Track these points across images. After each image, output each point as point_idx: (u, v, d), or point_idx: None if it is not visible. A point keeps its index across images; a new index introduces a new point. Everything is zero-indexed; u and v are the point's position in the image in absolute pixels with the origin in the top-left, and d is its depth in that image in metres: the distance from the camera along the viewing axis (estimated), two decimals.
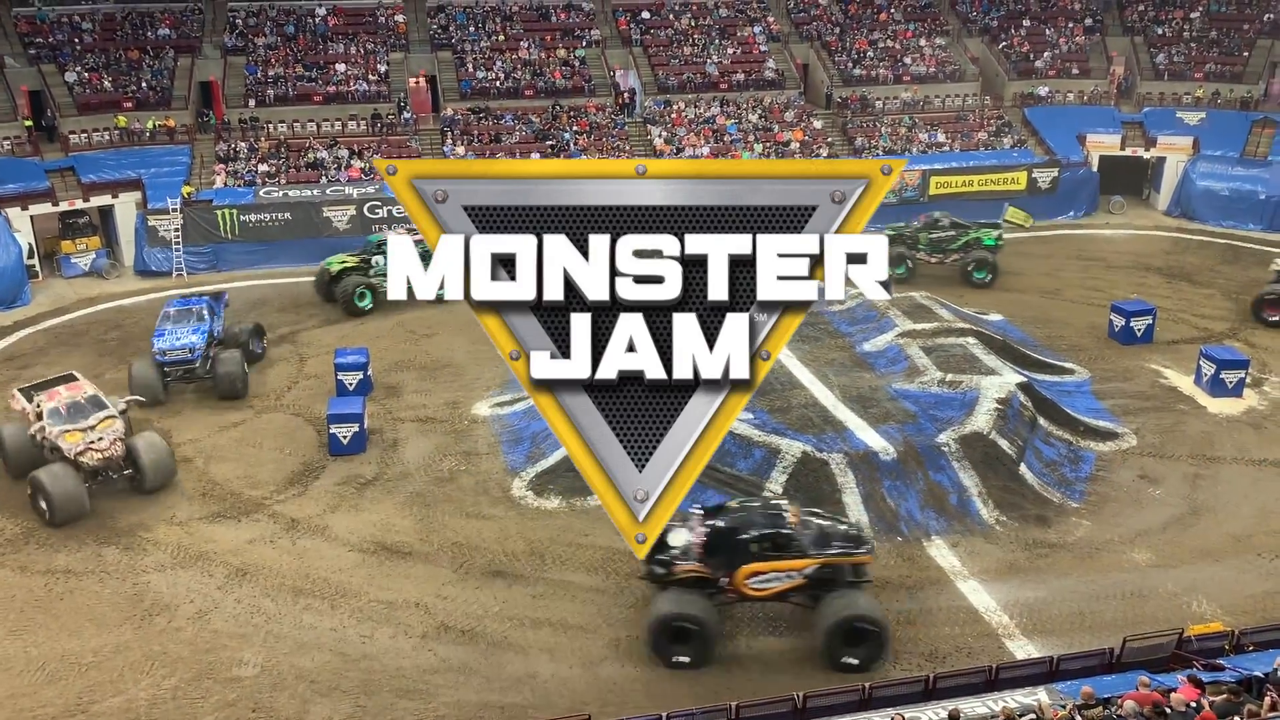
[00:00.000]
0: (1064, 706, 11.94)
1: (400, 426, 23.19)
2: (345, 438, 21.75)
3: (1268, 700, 11.52)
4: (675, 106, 40.45)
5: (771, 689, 14.33)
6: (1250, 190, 38.11)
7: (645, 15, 44.00)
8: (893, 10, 45.84)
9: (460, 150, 37.06)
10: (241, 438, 22.73)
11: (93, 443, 19.42)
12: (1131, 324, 27.39)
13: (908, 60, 43.46)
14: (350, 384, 23.91)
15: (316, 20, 41.24)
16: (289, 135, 37.19)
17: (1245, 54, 43.11)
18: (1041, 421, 22.23)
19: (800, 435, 20.48)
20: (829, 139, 39.81)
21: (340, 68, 39.47)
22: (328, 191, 34.63)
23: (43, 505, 18.93)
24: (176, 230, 32.53)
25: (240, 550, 18.62)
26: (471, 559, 18.34)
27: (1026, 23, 45.93)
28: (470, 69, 40.38)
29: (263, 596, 17.33)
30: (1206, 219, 38.24)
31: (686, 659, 15.56)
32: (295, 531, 19.23)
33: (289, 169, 35.57)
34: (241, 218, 33.45)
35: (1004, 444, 20.80)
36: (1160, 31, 45.12)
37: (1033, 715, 11.81)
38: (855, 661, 15.50)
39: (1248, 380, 24.60)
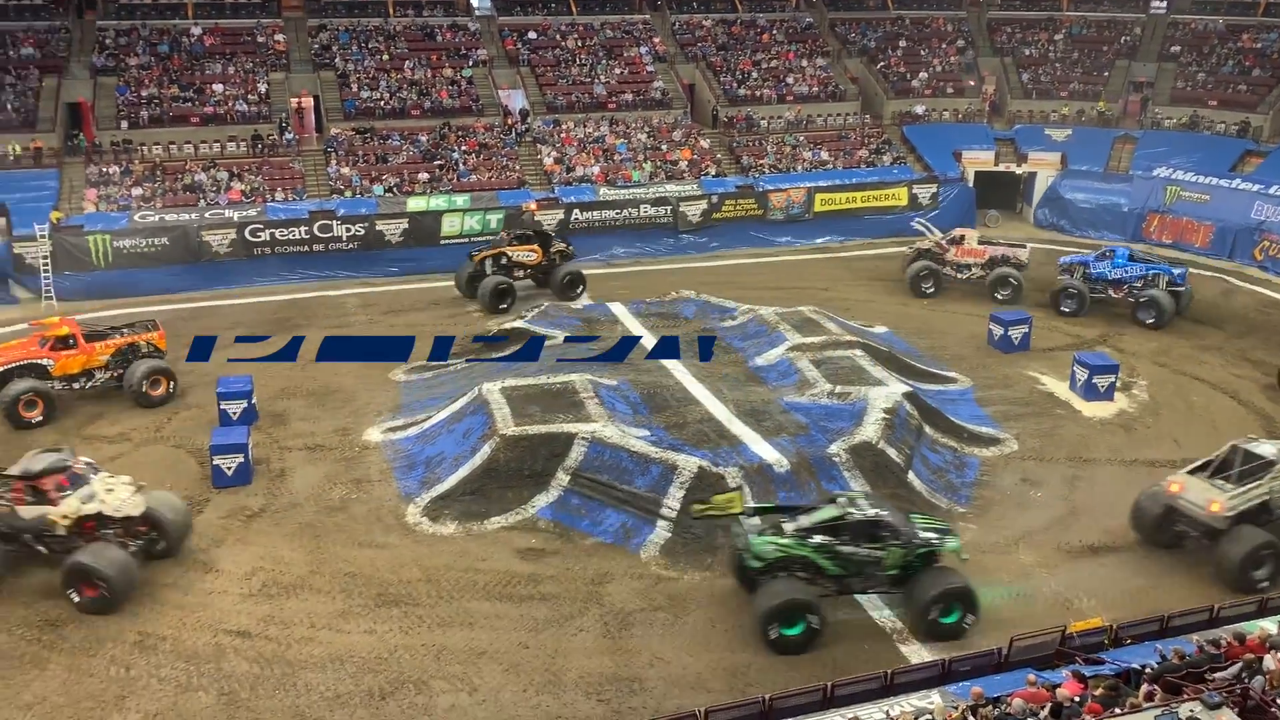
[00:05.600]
0: (956, 708, 12.23)
1: (287, 455, 22.51)
2: (230, 469, 21.02)
3: (1143, 690, 12.00)
4: (564, 126, 40.50)
5: None
6: (1114, 203, 40.22)
7: (532, 35, 44.01)
8: (774, 31, 46.88)
9: (345, 171, 36.37)
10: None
11: None
12: (1009, 333, 28.44)
13: (790, 80, 44.46)
14: (234, 413, 23.15)
15: (192, 40, 40.03)
16: (165, 158, 35.97)
17: (1105, 74, 45.45)
18: (927, 429, 22.87)
19: (696, 450, 20.59)
20: (716, 157, 40.38)
21: (218, 88, 38.36)
22: (206, 215, 33.55)
23: None
24: (45, 257, 31.06)
25: None
26: (365, 590, 17.86)
27: (903, 44, 47.53)
28: (354, 89, 39.71)
29: (142, 640, 16.55)
30: (1074, 230, 40.10)
31: None
32: (179, 568, 18.44)
33: (165, 192, 34.37)
34: (115, 243, 32.18)
35: (892, 452, 21.30)
36: (1028, 52, 47.25)
37: (927, 717, 12.06)
38: None
39: (1118, 384, 25.77)
